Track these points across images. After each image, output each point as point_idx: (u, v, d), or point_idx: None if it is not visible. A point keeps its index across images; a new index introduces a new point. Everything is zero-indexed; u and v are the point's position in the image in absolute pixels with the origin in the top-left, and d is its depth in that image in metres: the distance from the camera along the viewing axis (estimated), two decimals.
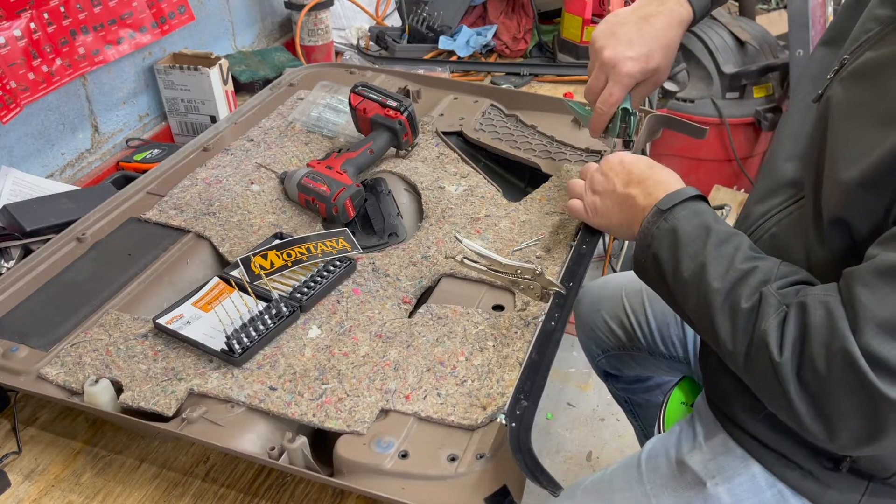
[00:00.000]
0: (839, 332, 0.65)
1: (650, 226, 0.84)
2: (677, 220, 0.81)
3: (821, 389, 0.67)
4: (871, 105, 0.69)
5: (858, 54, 0.75)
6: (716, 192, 2.24)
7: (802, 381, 0.68)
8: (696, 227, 0.80)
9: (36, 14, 1.32)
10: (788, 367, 0.68)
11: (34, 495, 0.83)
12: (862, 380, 0.63)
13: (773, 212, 0.85)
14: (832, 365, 0.65)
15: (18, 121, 1.34)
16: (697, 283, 0.77)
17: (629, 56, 0.98)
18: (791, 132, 0.88)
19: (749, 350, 0.72)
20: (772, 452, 0.86)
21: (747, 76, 2.20)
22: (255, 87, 1.74)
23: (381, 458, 0.76)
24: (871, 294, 0.63)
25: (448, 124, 1.34)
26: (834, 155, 0.72)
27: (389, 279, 1.00)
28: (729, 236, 0.79)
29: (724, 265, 0.76)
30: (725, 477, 0.89)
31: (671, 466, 0.95)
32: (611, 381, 1.43)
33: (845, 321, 0.65)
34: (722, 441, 0.92)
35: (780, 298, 0.71)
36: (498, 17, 2.04)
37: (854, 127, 0.70)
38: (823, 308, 0.67)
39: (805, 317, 0.68)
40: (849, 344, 0.64)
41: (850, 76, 0.74)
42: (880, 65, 0.71)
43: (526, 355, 0.84)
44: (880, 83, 0.69)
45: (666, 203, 0.83)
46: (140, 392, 0.84)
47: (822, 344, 0.66)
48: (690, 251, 0.78)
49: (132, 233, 1.10)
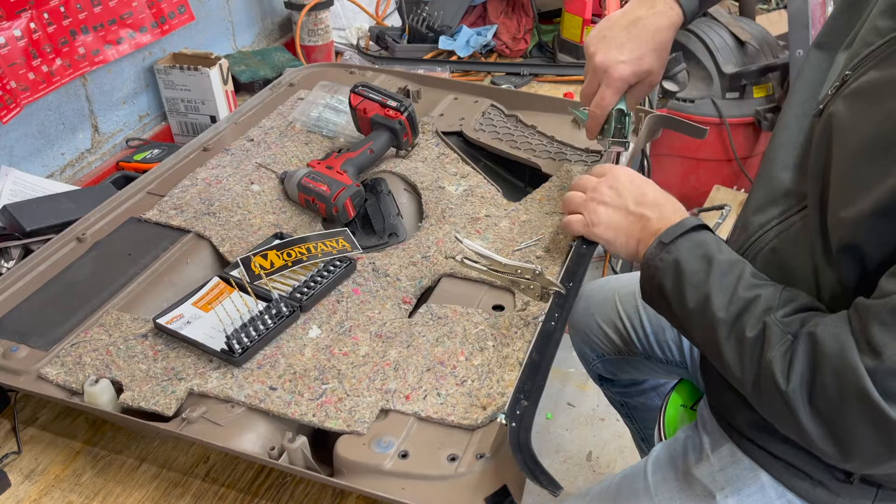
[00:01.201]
0: (852, 366, 0.65)
1: (653, 258, 0.84)
2: (680, 251, 0.82)
3: (833, 417, 0.68)
4: (875, 130, 0.68)
5: (862, 71, 0.74)
6: (716, 192, 2.23)
7: (814, 409, 0.68)
8: (698, 258, 0.80)
9: (36, 14, 1.32)
10: (798, 396, 0.69)
11: (34, 495, 0.83)
12: (877, 414, 0.64)
13: (773, 223, 0.84)
14: (846, 397, 0.66)
15: (18, 121, 1.34)
16: (702, 314, 0.78)
17: (620, 60, 0.99)
18: (787, 140, 0.87)
19: (756, 379, 0.73)
20: (781, 462, 0.86)
21: (747, 76, 2.20)
22: (255, 87, 1.74)
23: (381, 458, 0.76)
24: (888, 335, 0.63)
25: (448, 124, 1.34)
26: (840, 181, 0.71)
27: (389, 279, 1.00)
28: (731, 265, 0.79)
29: (728, 295, 0.76)
30: (735, 489, 0.89)
31: (679, 479, 0.95)
32: (606, 385, 1.42)
33: (857, 355, 0.65)
34: (729, 451, 0.91)
35: (783, 328, 0.71)
36: (498, 17, 2.04)
37: (859, 154, 0.69)
38: (836, 340, 0.67)
39: (815, 348, 0.68)
40: (864, 381, 0.64)
41: (853, 95, 0.73)
42: (884, 86, 0.69)
43: (526, 355, 0.84)
44: (884, 107, 0.68)
45: (668, 236, 0.84)
46: (140, 392, 0.84)
47: (834, 376, 0.66)
48: (694, 283, 0.79)
49: (132, 233, 1.10)
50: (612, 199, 0.94)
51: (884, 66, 0.71)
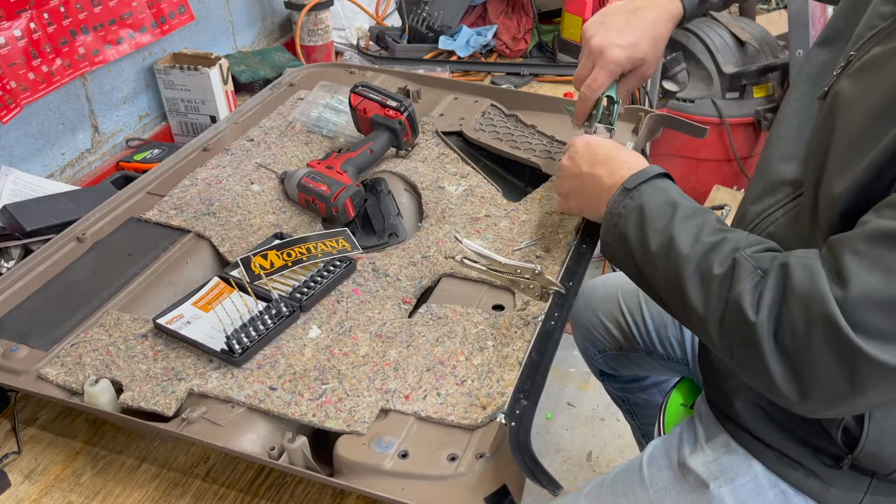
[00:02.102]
0: (821, 295, 0.64)
1: (616, 204, 0.85)
2: (643, 197, 0.82)
3: (798, 350, 0.66)
4: (876, 100, 0.68)
5: (865, 50, 0.75)
6: (716, 192, 2.23)
7: (779, 342, 0.67)
8: (662, 202, 0.81)
9: (36, 14, 1.33)
10: (765, 328, 0.67)
11: (34, 495, 0.83)
12: (844, 342, 0.63)
13: (770, 210, 0.85)
14: (813, 326, 0.64)
15: (18, 121, 1.34)
16: (666, 255, 0.77)
17: (617, 44, 1.00)
18: (787, 132, 0.88)
19: (723, 315, 0.72)
20: (774, 452, 0.86)
21: (747, 76, 2.20)
22: (255, 87, 1.74)
23: (381, 458, 0.76)
24: (859, 261, 0.63)
25: (448, 124, 1.34)
26: (839, 155, 0.71)
27: (389, 279, 1.00)
28: (696, 211, 0.80)
29: (692, 235, 0.76)
30: (728, 478, 0.89)
31: (673, 469, 0.95)
32: (608, 381, 1.43)
33: (827, 284, 0.64)
34: (723, 441, 0.92)
35: (754, 263, 0.71)
36: (498, 17, 2.04)
37: (860, 126, 0.69)
38: (806, 270, 0.66)
39: (786, 278, 0.67)
40: (831, 308, 0.63)
41: (857, 72, 0.74)
42: (886, 58, 0.70)
43: (526, 355, 0.84)
44: (886, 76, 0.69)
45: (632, 182, 0.85)
46: (140, 392, 0.84)
47: (802, 306, 0.65)
48: (657, 225, 0.79)
49: (132, 233, 1.10)
50: (569, 168, 0.96)
51: (887, 41, 0.72)
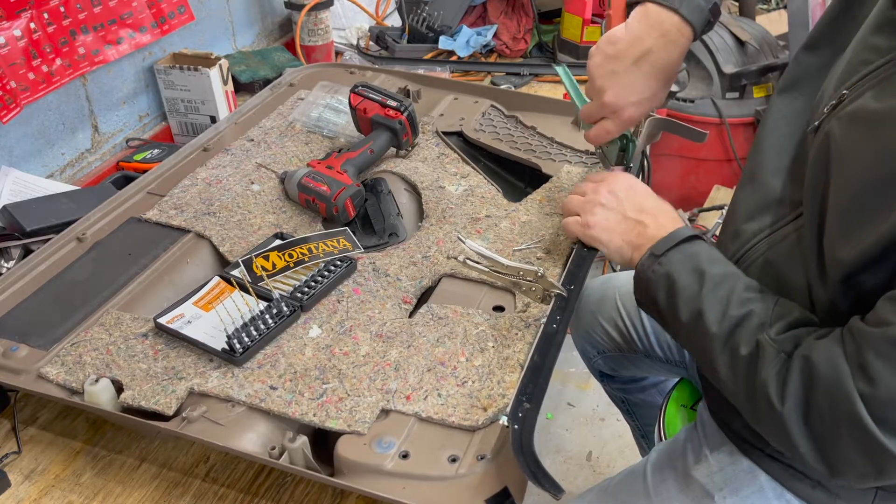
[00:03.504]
0: (847, 393, 0.65)
1: (645, 269, 0.84)
2: (672, 264, 0.82)
3: (826, 437, 0.68)
4: (876, 164, 0.66)
5: (859, 91, 0.72)
6: (716, 192, 2.24)
7: (808, 428, 0.69)
8: (689, 271, 0.80)
9: (36, 14, 1.32)
10: (792, 416, 0.69)
11: (34, 495, 0.83)
12: (870, 440, 0.64)
13: (765, 232, 0.84)
14: (839, 422, 0.66)
15: (18, 121, 1.34)
16: (695, 328, 0.78)
17: (632, 101, 0.95)
18: (779, 143, 0.86)
19: (751, 395, 0.73)
20: (779, 464, 0.86)
21: (747, 76, 2.20)
22: (255, 87, 1.74)
23: (381, 459, 0.76)
24: (883, 363, 0.63)
25: (448, 124, 1.34)
26: (841, 213, 0.70)
27: (390, 279, 1.00)
28: (723, 278, 0.79)
29: (721, 311, 0.76)
30: (733, 489, 0.89)
31: (678, 480, 0.95)
32: (606, 382, 1.42)
33: (852, 382, 0.65)
34: (728, 452, 0.91)
35: (777, 347, 0.71)
36: (498, 17, 2.04)
37: (860, 188, 0.67)
38: (830, 366, 0.67)
39: (811, 372, 0.68)
40: (857, 408, 0.64)
41: (850, 118, 0.72)
42: (883, 117, 0.67)
43: (527, 357, 0.83)
44: (884, 140, 0.66)
45: (660, 248, 0.84)
46: (140, 391, 0.84)
47: (828, 401, 0.67)
48: (686, 296, 0.79)
49: (132, 233, 1.10)
50: (609, 202, 0.94)
51: (883, 90, 0.69)
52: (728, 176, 2.33)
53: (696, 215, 2.09)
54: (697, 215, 2.09)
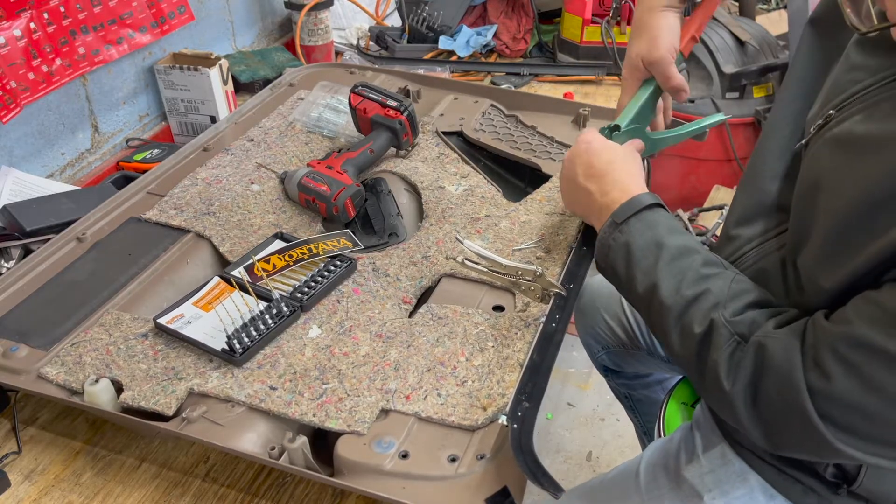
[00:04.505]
0: (796, 385, 0.66)
1: (606, 237, 0.84)
2: (631, 233, 0.82)
3: (771, 421, 0.70)
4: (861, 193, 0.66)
5: (846, 114, 0.71)
6: (716, 193, 2.23)
7: (755, 410, 0.70)
8: (648, 241, 0.80)
9: (36, 14, 1.32)
10: (740, 398, 0.70)
11: (34, 495, 0.83)
12: (813, 432, 0.66)
13: (761, 239, 0.83)
14: (787, 411, 0.67)
15: (18, 121, 1.34)
16: (650, 300, 0.78)
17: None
18: (777, 146, 0.86)
19: (702, 373, 0.74)
20: (772, 467, 0.86)
21: (747, 76, 2.20)
22: (255, 87, 1.75)
23: (381, 459, 0.76)
24: (838, 363, 0.64)
25: (448, 124, 1.34)
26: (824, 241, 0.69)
27: (389, 279, 1.00)
28: (681, 252, 0.78)
29: (675, 284, 0.76)
30: (722, 491, 0.89)
31: (669, 478, 0.95)
32: (611, 377, 1.42)
33: (803, 376, 0.66)
34: (720, 453, 0.91)
35: (731, 328, 0.72)
36: (498, 17, 2.04)
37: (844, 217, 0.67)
38: (784, 358, 0.67)
39: (763, 360, 0.69)
40: (805, 401, 0.65)
41: (835, 142, 0.71)
42: (869, 144, 0.67)
43: (527, 356, 0.84)
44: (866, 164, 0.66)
45: (620, 215, 0.83)
46: (140, 391, 0.84)
47: (777, 390, 0.68)
48: (643, 267, 0.79)
49: (132, 233, 1.10)
50: (567, 172, 0.94)
51: (870, 115, 0.69)
52: (728, 176, 2.33)
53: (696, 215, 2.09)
54: (697, 215, 2.09)
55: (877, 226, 0.63)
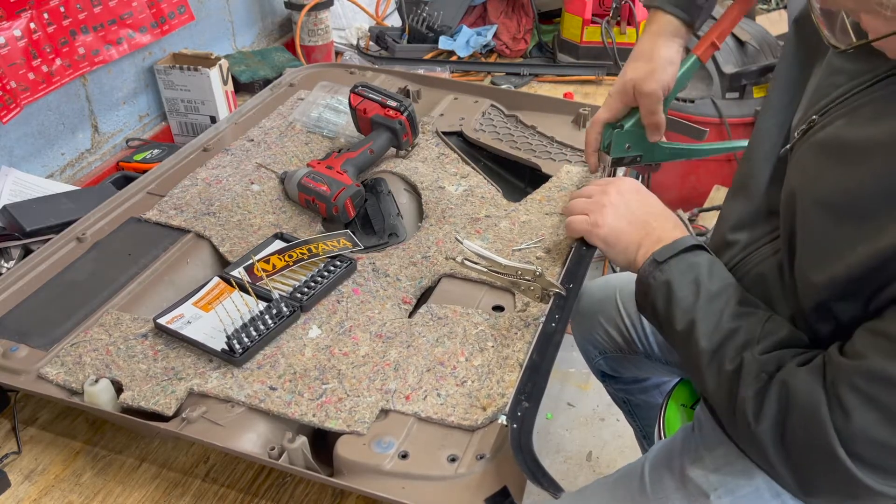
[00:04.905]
0: (821, 423, 0.66)
1: (647, 275, 0.85)
2: (672, 273, 0.83)
3: (800, 462, 0.70)
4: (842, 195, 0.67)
5: (829, 119, 0.72)
6: (716, 193, 2.23)
7: (782, 450, 0.70)
8: (689, 282, 0.81)
9: (36, 14, 1.32)
10: (768, 437, 0.70)
11: (34, 495, 0.83)
12: (841, 470, 0.66)
13: (757, 245, 0.84)
14: (813, 449, 0.67)
15: (18, 121, 1.34)
16: (688, 339, 0.79)
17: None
18: (772, 151, 0.86)
19: (732, 410, 0.74)
20: None
21: (747, 76, 2.20)
22: (255, 87, 1.75)
23: (381, 459, 0.76)
24: (856, 397, 0.64)
25: (448, 124, 1.34)
26: (809, 239, 0.71)
27: (389, 279, 1.00)
28: (720, 292, 0.80)
29: (712, 324, 0.77)
30: (728, 489, 0.89)
31: (674, 479, 0.95)
32: (608, 382, 1.42)
33: (827, 413, 0.66)
34: (724, 452, 0.91)
35: (759, 366, 0.72)
36: (498, 17, 2.04)
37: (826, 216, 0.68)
38: (808, 396, 0.68)
39: (788, 399, 0.69)
40: (831, 439, 0.65)
41: (818, 146, 0.72)
42: (850, 149, 0.68)
43: (526, 356, 0.84)
44: (850, 170, 0.67)
45: (662, 255, 0.85)
46: (140, 392, 0.84)
47: (803, 428, 0.68)
48: (682, 306, 0.80)
49: (132, 233, 1.10)
50: (618, 203, 0.95)
51: (852, 121, 0.70)
52: (728, 176, 2.33)
53: (696, 215, 2.09)
54: (697, 215, 2.09)
55: (863, 231, 0.64)
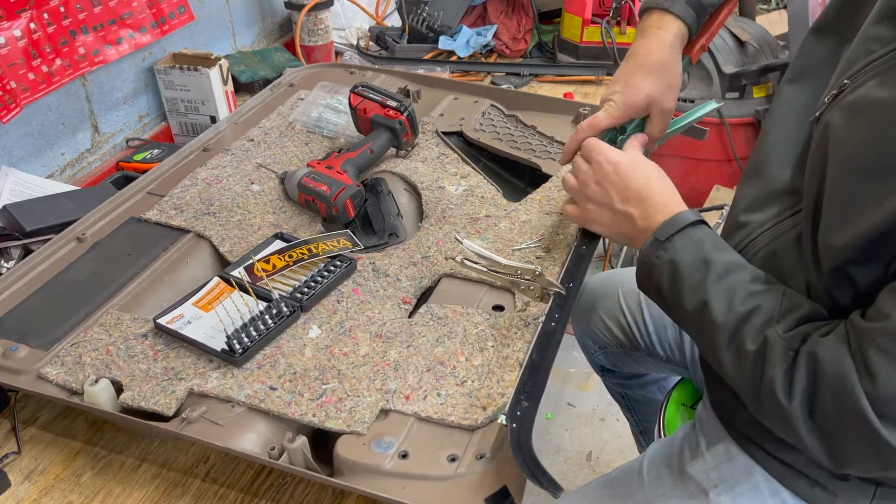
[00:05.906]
0: (851, 390, 0.65)
1: (649, 255, 0.83)
2: (676, 251, 0.80)
3: (831, 433, 0.69)
4: (870, 152, 0.66)
5: (860, 81, 0.71)
6: (716, 193, 2.23)
7: (814, 423, 0.69)
8: (695, 259, 0.79)
9: (36, 14, 1.33)
10: (799, 413, 0.69)
11: (34, 495, 0.83)
12: (875, 436, 0.65)
13: (769, 224, 0.82)
14: (844, 418, 0.66)
15: (18, 121, 1.34)
16: (700, 318, 0.77)
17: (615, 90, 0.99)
18: (785, 136, 0.85)
19: (757, 391, 0.73)
20: (777, 461, 0.86)
21: (747, 76, 2.20)
22: (255, 87, 1.75)
23: (381, 459, 0.76)
24: (884, 358, 0.64)
25: (448, 124, 1.34)
26: (833, 200, 0.70)
27: (389, 279, 1.00)
28: (729, 268, 0.78)
29: (726, 302, 0.75)
30: (728, 486, 0.89)
31: (673, 475, 0.95)
32: (607, 376, 1.42)
33: (857, 379, 0.65)
34: (724, 449, 0.91)
35: (785, 344, 0.71)
36: (498, 17, 2.04)
37: (853, 175, 0.67)
38: (835, 364, 0.67)
39: (816, 369, 0.68)
40: (862, 404, 0.65)
41: (849, 108, 0.71)
42: (881, 107, 0.67)
43: (526, 356, 0.83)
44: (880, 129, 0.66)
45: (663, 233, 0.82)
46: (140, 392, 0.84)
47: (833, 398, 0.67)
48: (691, 285, 0.78)
49: (132, 233, 1.10)
50: (598, 196, 0.92)
51: (884, 80, 0.69)
52: (728, 176, 2.33)
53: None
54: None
55: (889, 186, 0.63)
